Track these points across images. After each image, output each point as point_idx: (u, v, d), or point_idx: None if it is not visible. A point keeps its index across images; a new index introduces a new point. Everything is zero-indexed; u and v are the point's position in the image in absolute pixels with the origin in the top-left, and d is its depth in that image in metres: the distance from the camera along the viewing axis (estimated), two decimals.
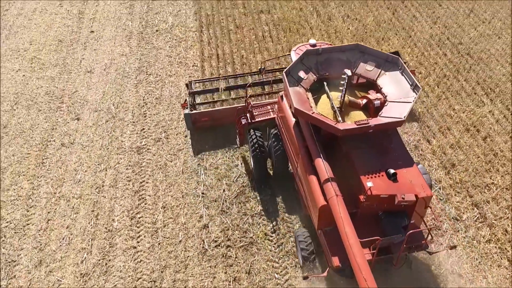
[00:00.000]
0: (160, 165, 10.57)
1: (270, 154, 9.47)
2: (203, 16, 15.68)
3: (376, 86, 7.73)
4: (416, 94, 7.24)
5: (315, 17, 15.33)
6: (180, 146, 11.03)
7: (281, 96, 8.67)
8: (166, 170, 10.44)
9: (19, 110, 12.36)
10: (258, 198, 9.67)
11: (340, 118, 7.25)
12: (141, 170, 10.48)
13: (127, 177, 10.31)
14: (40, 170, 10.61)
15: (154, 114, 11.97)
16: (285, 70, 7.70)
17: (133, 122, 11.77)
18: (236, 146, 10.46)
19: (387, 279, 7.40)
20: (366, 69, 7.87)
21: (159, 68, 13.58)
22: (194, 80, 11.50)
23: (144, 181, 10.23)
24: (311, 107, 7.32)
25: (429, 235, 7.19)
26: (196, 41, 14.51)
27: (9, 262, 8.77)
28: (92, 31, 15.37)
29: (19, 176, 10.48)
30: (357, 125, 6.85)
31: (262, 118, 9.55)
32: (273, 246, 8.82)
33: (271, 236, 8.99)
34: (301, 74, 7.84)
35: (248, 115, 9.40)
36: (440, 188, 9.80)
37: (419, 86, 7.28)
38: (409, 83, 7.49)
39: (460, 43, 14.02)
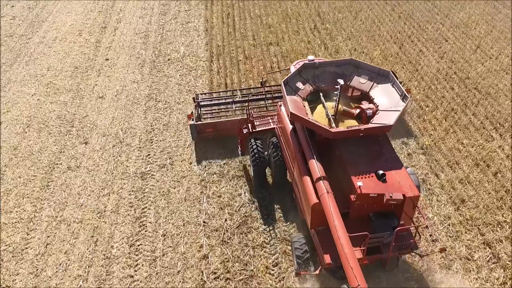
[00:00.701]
0: (163, 191, 10.51)
1: (269, 163, 9.86)
2: (213, 47, 16.20)
3: (368, 97, 8.24)
4: (405, 103, 7.70)
5: (322, 50, 15.67)
6: (184, 173, 11.01)
7: (280, 106, 9.20)
8: (169, 197, 10.37)
9: (30, 133, 12.65)
10: (260, 229, 9.44)
11: (333, 125, 7.71)
12: (144, 196, 10.43)
13: (130, 203, 10.25)
14: (44, 193, 10.65)
15: (160, 140, 12.09)
16: (284, 80, 8.25)
17: (140, 148, 11.88)
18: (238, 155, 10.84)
19: None
20: (360, 82, 8.43)
21: (168, 95, 13.89)
22: (200, 93, 12.19)
23: (146, 207, 10.15)
24: (307, 114, 7.82)
25: (417, 234, 7.46)
26: (206, 70, 14.90)
27: None
28: (107, 59, 15.98)
29: (23, 198, 10.52)
30: (348, 129, 7.40)
31: (262, 128, 10.07)
32: (274, 281, 8.48)
33: (273, 270, 8.68)
34: (299, 84, 8.43)
35: (249, 125, 9.93)
36: (449, 225, 9.42)
37: (408, 96, 7.77)
38: (399, 94, 8.00)
39: (467, 77, 14.05)
